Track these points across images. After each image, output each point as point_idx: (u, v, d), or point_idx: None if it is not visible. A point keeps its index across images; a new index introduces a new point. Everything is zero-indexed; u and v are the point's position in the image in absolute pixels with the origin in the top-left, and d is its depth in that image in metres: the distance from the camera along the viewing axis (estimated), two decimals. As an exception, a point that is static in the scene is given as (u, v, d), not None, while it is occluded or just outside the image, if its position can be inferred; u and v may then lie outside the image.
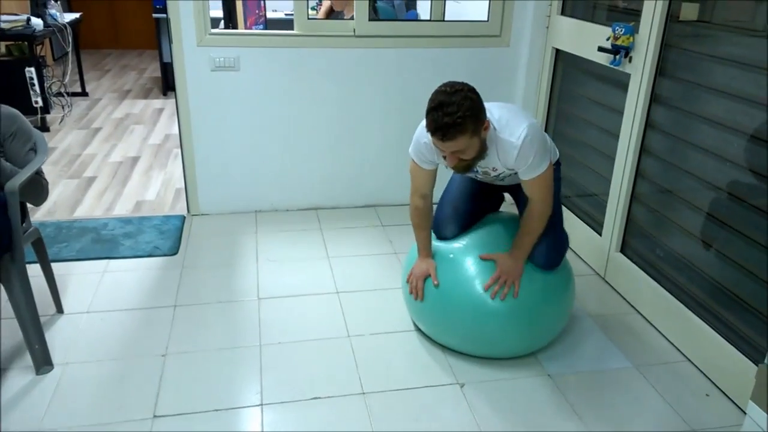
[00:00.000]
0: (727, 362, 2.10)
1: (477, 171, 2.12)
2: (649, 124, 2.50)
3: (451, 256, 2.21)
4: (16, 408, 1.93)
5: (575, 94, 3.13)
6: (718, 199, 2.17)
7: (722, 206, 2.15)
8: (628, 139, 2.57)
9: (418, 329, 2.37)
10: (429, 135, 1.88)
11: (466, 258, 2.17)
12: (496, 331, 2.13)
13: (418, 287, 2.20)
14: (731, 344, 2.09)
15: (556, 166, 2.22)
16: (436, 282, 2.16)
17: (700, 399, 2.09)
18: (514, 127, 1.96)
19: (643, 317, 2.53)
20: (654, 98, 2.46)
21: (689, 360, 2.27)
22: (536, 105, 3.38)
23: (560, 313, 2.25)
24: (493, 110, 2.00)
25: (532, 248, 2.12)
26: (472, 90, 1.86)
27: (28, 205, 2.33)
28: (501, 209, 2.48)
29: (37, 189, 2.18)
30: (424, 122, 1.93)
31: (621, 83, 2.63)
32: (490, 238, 2.22)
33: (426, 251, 2.24)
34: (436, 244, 2.28)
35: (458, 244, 2.23)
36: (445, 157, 1.93)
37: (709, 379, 2.17)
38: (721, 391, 2.12)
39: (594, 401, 2.05)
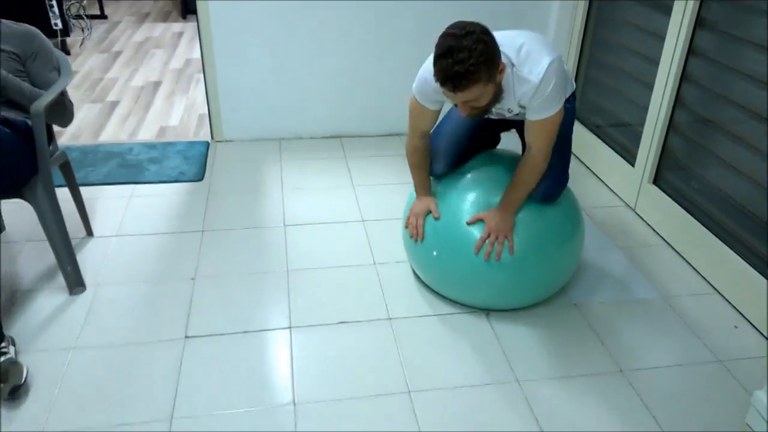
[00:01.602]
0: (756, 293, 2.07)
1: (491, 112, 1.94)
2: (692, 51, 2.37)
3: (452, 208, 2.04)
4: (52, 326, 1.98)
5: (613, 18, 2.98)
6: (761, 129, 2.08)
7: (764, 136, 2.06)
8: (669, 66, 2.45)
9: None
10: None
11: (463, 213, 2.01)
12: (502, 283, 2.00)
13: (418, 225, 2.07)
14: (763, 275, 2.05)
15: (571, 102, 2.04)
16: (437, 215, 2.03)
17: (728, 331, 2.07)
18: (533, 63, 1.76)
19: (674, 249, 2.49)
20: (699, 22, 2.33)
21: (719, 292, 2.25)
22: (571, 30, 3.23)
23: (570, 255, 2.09)
24: (515, 40, 1.79)
25: (523, 201, 1.96)
26: (486, 31, 1.64)
27: (55, 128, 2.31)
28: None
29: (62, 110, 2.16)
30: (431, 59, 1.70)
31: (664, 6, 2.49)
32: (490, 177, 2.07)
33: (425, 190, 2.12)
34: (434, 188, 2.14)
35: (458, 188, 2.07)
36: (456, 105, 1.77)
37: (739, 312, 2.15)
38: (750, 323, 2.10)
39: (618, 329, 2.05)
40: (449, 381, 1.82)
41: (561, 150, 2.05)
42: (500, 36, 1.73)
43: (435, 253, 2.04)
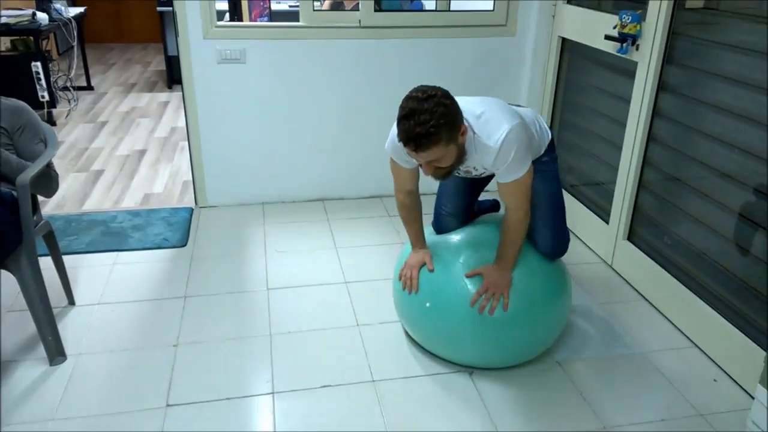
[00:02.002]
0: (734, 347, 2.11)
1: (459, 171, 2.00)
2: (656, 112, 2.50)
3: (444, 267, 2.09)
4: (31, 398, 1.96)
5: (582, 83, 3.13)
6: (726, 186, 2.17)
7: (729, 193, 2.15)
8: (636, 127, 2.57)
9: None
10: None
11: (459, 267, 2.06)
12: (491, 340, 2.02)
13: (412, 276, 2.09)
14: (738, 329, 2.10)
15: (551, 158, 2.13)
16: (431, 268, 2.06)
17: (708, 384, 2.10)
18: (493, 129, 1.82)
19: (651, 304, 2.54)
20: (661, 86, 2.46)
21: (696, 346, 2.28)
22: (542, 94, 3.38)
23: (558, 316, 2.12)
24: (476, 106, 1.87)
25: (517, 257, 2.01)
26: (446, 95, 1.72)
27: (39, 198, 2.34)
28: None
29: (48, 181, 2.20)
30: None
31: (628, 71, 2.63)
32: (484, 234, 2.15)
33: (420, 243, 2.16)
34: (432, 240, 2.21)
35: (453, 242, 2.15)
36: (421, 165, 1.82)
37: (717, 365, 2.18)
38: (729, 376, 2.13)
39: (601, 386, 2.07)
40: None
41: (555, 207, 2.15)
42: (462, 102, 1.80)
43: (428, 304, 2.06)
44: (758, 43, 2.00)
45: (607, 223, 2.84)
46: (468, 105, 1.85)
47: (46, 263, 2.28)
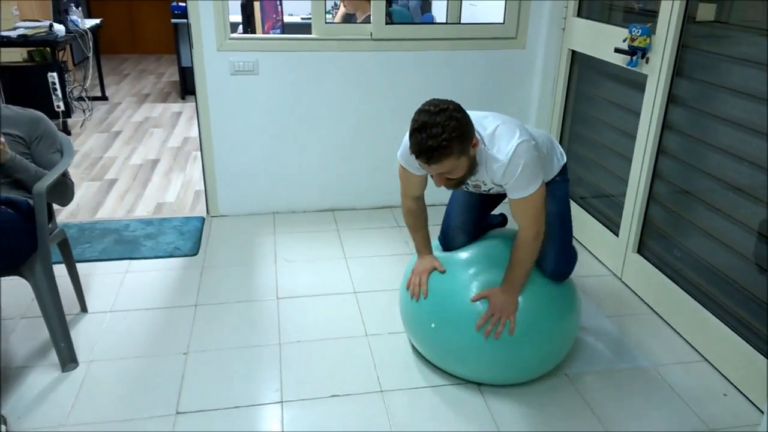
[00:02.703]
0: (744, 361, 2.09)
1: (468, 185, 2.02)
2: (666, 125, 2.50)
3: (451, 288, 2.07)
4: (43, 404, 1.98)
5: (591, 95, 3.14)
6: (736, 200, 2.17)
7: (739, 206, 2.15)
8: (645, 140, 2.57)
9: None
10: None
11: (465, 285, 2.04)
12: (497, 361, 2.01)
13: (421, 283, 2.08)
14: (749, 343, 2.09)
15: (563, 179, 2.13)
16: (442, 270, 2.08)
17: (718, 399, 2.09)
18: (503, 143, 1.83)
19: (660, 317, 2.53)
20: (671, 99, 2.46)
21: (706, 360, 2.27)
22: (552, 107, 3.39)
23: (567, 333, 2.11)
24: (488, 122, 1.89)
25: (526, 279, 1.99)
26: (458, 108, 1.74)
27: (54, 207, 2.38)
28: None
29: (63, 190, 2.24)
30: None
31: (638, 84, 2.64)
32: (491, 252, 2.13)
33: (427, 249, 2.18)
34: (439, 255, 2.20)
35: (460, 261, 2.12)
36: (432, 176, 1.84)
37: (727, 379, 2.17)
38: (739, 390, 2.12)
39: (611, 400, 2.06)
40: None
41: (561, 228, 2.10)
42: (474, 115, 1.83)
43: (433, 325, 2.06)
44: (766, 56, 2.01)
45: (617, 235, 2.83)
46: (480, 119, 1.88)
47: (59, 271, 2.30)
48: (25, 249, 2.01)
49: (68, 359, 2.15)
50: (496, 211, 2.50)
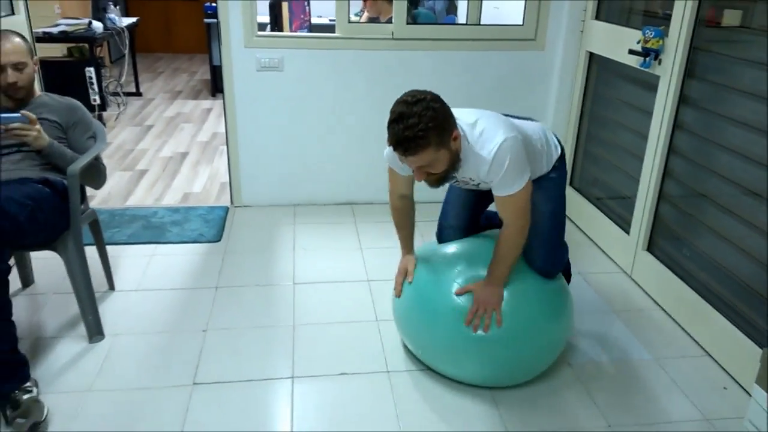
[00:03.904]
0: (745, 356, 2.13)
1: (456, 180, 1.99)
2: (677, 125, 2.55)
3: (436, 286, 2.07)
4: (71, 371, 2.12)
5: (607, 96, 3.19)
6: (744, 199, 2.21)
7: (747, 206, 2.19)
8: (657, 140, 2.62)
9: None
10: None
11: (452, 284, 2.03)
12: (493, 359, 2.01)
13: (398, 282, 2.16)
14: (751, 339, 2.12)
15: (560, 175, 2.10)
16: (410, 279, 2.10)
17: (718, 392, 2.13)
18: (487, 140, 1.80)
19: (666, 313, 2.57)
20: (682, 99, 2.51)
21: (709, 354, 2.31)
22: (570, 108, 3.44)
23: (556, 333, 2.08)
24: (470, 116, 1.86)
25: (509, 273, 1.97)
26: (436, 98, 1.71)
27: (88, 192, 2.53)
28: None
29: (97, 174, 2.38)
30: None
31: (650, 85, 2.69)
32: (474, 252, 2.13)
33: (407, 249, 2.21)
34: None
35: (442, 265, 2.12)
36: (413, 171, 1.80)
37: (728, 374, 2.21)
38: (740, 385, 2.15)
39: (614, 392, 2.12)
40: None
41: (554, 227, 2.12)
42: (457, 112, 1.81)
43: (420, 353, 2.14)
44: (774, 58, 2.05)
45: (628, 233, 2.88)
46: (463, 114, 1.86)
47: (90, 252, 2.43)
48: (59, 226, 2.15)
49: (95, 331, 2.28)
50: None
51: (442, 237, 2.30)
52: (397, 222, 2.23)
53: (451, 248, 2.20)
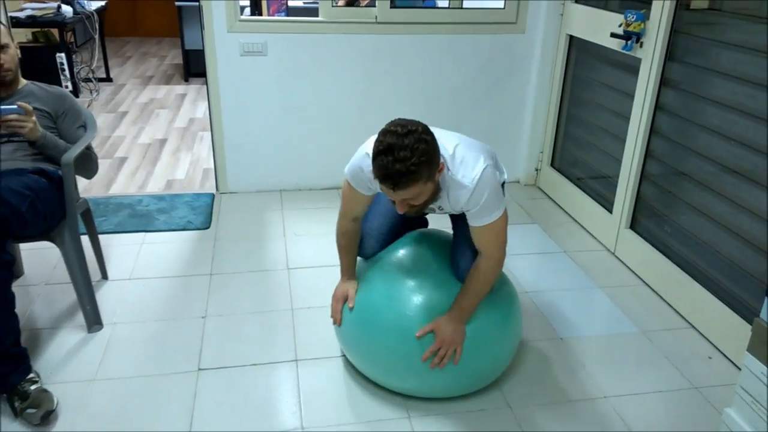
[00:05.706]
0: (728, 326, 2.25)
1: (433, 209, 1.91)
2: (658, 107, 2.64)
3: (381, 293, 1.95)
4: (72, 361, 2.11)
5: (588, 79, 3.27)
6: (723, 177, 2.31)
7: (726, 183, 2.29)
8: (639, 121, 2.71)
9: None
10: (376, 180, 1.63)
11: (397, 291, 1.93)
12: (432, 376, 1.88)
13: (336, 310, 2.02)
14: (733, 310, 2.24)
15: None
16: (351, 305, 1.97)
17: (703, 361, 2.24)
18: (468, 168, 1.73)
19: (650, 288, 2.68)
20: (663, 82, 2.60)
21: (693, 326, 2.42)
22: (550, 89, 3.51)
23: (505, 343, 1.98)
24: (447, 142, 1.77)
25: (475, 309, 1.85)
26: (426, 130, 1.61)
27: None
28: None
29: (89, 163, 2.36)
30: (368, 145, 1.73)
31: (632, 68, 2.77)
32: (419, 262, 1.99)
33: (349, 274, 2.06)
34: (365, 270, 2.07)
35: (388, 275, 1.98)
36: (394, 202, 1.69)
37: (712, 344, 2.32)
38: (723, 354, 2.27)
39: (603, 362, 2.21)
40: (449, 407, 1.97)
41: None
42: (436, 135, 1.69)
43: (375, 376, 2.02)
44: (756, 42, 2.14)
45: (611, 212, 2.98)
46: (442, 139, 1.74)
47: (81, 241, 2.43)
48: (56, 216, 2.13)
49: (94, 321, 2.28)
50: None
51: (362, 244, 2.10)
52: (344, 246, 2.05)
53: (385, 261, 2.04)
